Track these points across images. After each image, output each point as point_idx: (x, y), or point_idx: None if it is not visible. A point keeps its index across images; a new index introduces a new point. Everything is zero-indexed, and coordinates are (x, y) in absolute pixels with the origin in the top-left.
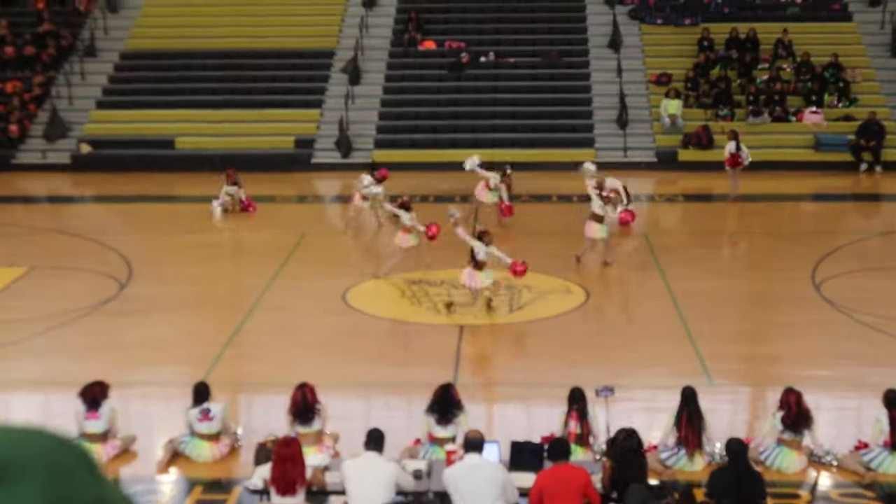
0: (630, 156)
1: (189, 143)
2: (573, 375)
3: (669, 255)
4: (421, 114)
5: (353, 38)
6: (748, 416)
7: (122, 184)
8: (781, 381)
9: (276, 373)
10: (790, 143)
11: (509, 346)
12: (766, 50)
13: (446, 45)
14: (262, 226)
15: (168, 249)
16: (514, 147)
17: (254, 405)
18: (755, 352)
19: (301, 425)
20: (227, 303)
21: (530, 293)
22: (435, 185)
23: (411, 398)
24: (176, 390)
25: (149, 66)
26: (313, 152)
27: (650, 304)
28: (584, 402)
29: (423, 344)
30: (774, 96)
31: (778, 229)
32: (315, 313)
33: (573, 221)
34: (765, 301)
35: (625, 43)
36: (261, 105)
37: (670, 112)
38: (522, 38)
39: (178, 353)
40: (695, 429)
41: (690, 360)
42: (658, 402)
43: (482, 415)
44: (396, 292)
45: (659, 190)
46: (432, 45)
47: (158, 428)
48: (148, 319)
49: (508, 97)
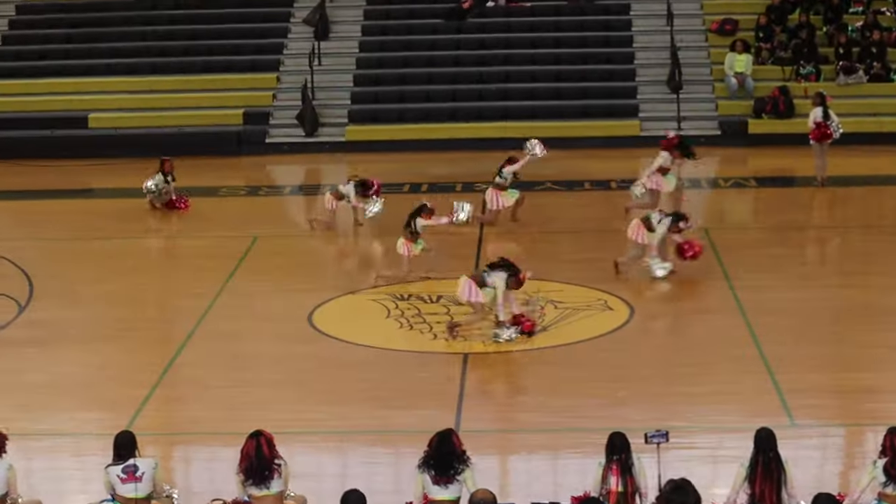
0: (686, 128)
1: (106, 121)
2: (614, 417)
3: (738, 258)
4: (409, 77)
5: None
6: (841, 465)
7: (18, 175)
8: (884, 420)
9: (222, 419)
10: (892, 110)
11: (529, 379)
12: None
13: None
14: (201, 228)
15: (80, 260)
16: (534, 119)
17: (194, 461)
18: (850, 383)
19: (256, 486)
20: (157, 330)
21: (556, 310)
22: (428, 171)
23: (400, 450)
24: (92, 443)
25: (52, 22)
26: (268, 129)
27: (714, 321)
28: (627, 451)
29: (415, 378)
30: (871, 48)
31: (879, 222)
32: (272, 341)
33: (612, 214)
34: (863, 316)
35: None
36: (200, 69)
37: (737, 70)
38: None
39: (95, 395)
40: (772, 482)
41: (767, 393)
42: (725, 450)
43: (494, 470)
44: (379, 311)
45: (724, 171)
46: None
47: (70, 491)
48: (54, 352)
49: (524, 53)
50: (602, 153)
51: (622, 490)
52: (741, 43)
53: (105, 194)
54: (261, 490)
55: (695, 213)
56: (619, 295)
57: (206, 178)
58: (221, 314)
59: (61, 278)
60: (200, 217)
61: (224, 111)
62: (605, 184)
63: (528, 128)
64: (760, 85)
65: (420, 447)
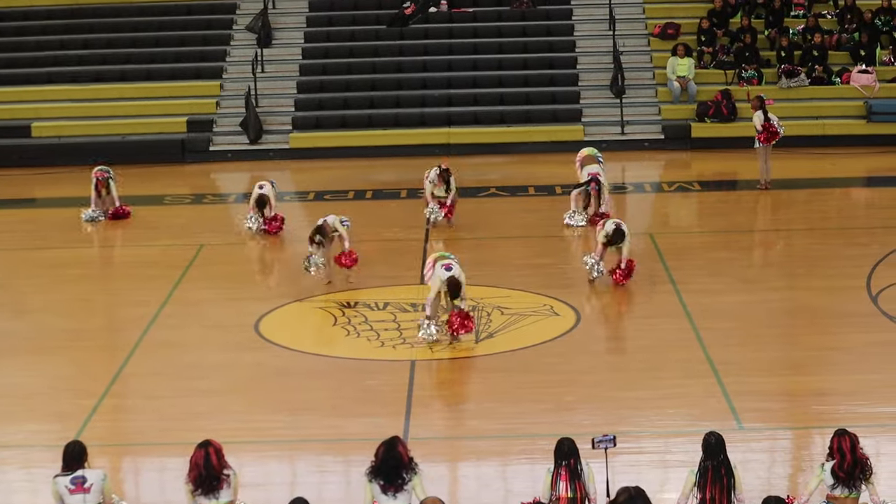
0: (629, 132)
1: (49, 130)
2: (562, 422)
3: (684, 262)
4: (353, 83)
5: None
6: (789, 468)
7: None
8: (831, 423)
9: (170, 429)
10: (834, 112)
11: (476, 385)
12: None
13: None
14: (146, 236)
15: (24, 271)
16: (476, 124)
17: (142, 471)
18: (797, 386)
19: (205, 496)
20: (104, 339)
21: (503, 316)
22: (373, 177)
23: (349, 458)
24: (39, 454)
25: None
26: (212, 137)
27: (660, 326)
28: (576, 456)
29: (362, 386)
30: (813, 52)
31: (823, 224)
32: (219, 350)
33: (555, 218)
34: (808, 319)
35: None
36: (143, 77)
37: (680, 74)
38: None
39: (42, 406)
40: (722, 487)
41: (714, 397)
42: (673, 454)
43: (443, 477)
44: (326, 319)
45: (668, 176)
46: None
47: (19, 503)
48: (0, 363)
49: (467, 59)
50: (546, 158)
51: (572, 496)
52: (683, 47)
53: (49, 203)
54: (210, 500)
55: (639, 218)
56: (564, 300)
57: (150, 187)
58: (168, 323)
59: (6, 289)
60: (145, 225)
61: (167, 119)
62: (550, 189)
63: (471, 133)
64: (703, 89)
65: (369, 455)
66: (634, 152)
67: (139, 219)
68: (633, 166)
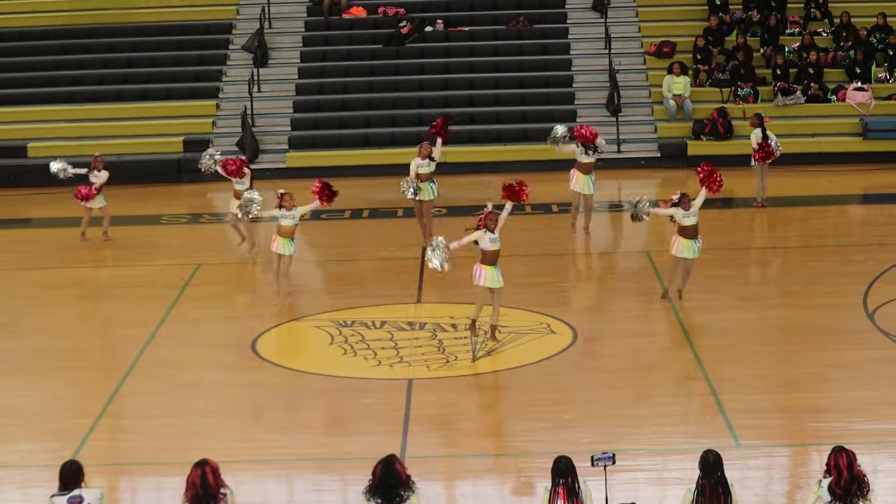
0: (626, 150)
1: (45, 150)
2: (560, 440)
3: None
4: (350, 102)
5: (258, 6)
6: (787, 485)
7: None
8: (828, 440)
9: (167, 448)
10: (830, 130)
11: (474, 403)
12: (795, 10)
13: (380, 12)
14: (143, 256)
15: (19, 290)
16: (472, 143)
17: (139, 491)
18: (794, 403)
19: None
20: (101, 359)
21: (500, 334)
22: (369, 196)
23: (346, 477)
24: (36, 474)
25: None
26: None
27: (657, 343)
28: (573, 474)
29: (359, 405)
30: (808, 69)
31: (819, 241)
32: (216, 369)
33: (552, 237)
34: (805, 336)
35: (613, 3)
36: (139, 97)
37: (676, 92)
38: (480, 1)
39: (38, 425)
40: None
41: (711, 414)
42: (671, 472)
43: (440, 495)
44: (322, 338)
45: (664, 193)
46: (362, 13)
47: None
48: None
49: (463, 78)
50: (542, 177)
51: None
52: (679, 65)
53: (45, 224)
54: None
55: (636, 236)
56: (561, 318)
57: (147, 207)
58: (165, 343)
59: (2, 309)
60: (142, 245)
61: (164, 139)
62: (547, 207)
63: (467, 152)
64: (699, 107)
65: (366, 473)
66: (631, 170)
67: (136, 238)
68: (629, 184)
